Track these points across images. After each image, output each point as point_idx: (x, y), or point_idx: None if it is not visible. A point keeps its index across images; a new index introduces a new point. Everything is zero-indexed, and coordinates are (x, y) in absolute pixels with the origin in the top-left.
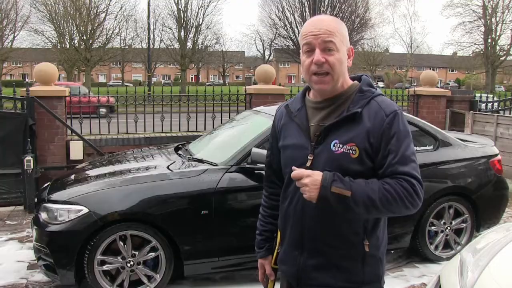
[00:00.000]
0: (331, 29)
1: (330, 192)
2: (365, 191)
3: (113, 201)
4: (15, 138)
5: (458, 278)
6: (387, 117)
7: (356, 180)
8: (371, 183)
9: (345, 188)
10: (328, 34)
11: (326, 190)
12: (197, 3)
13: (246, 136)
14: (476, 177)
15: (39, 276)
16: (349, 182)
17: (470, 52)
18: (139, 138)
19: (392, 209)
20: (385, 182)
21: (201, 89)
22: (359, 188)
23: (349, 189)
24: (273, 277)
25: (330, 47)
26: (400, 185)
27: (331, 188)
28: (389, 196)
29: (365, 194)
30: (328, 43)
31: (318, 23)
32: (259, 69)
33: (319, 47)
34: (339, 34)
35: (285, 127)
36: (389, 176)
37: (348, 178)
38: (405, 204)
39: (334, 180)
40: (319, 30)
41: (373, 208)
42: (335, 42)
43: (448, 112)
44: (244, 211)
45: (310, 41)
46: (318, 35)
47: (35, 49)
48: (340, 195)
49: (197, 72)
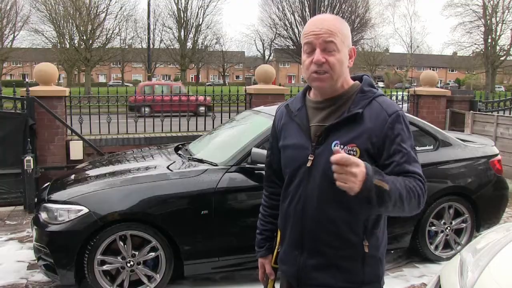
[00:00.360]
0: (332, 29)
1: (373, 184)
2: (397, 186)
3: (113, 201)
4: (15, 138)
5: (458, 278)
6: (390, 117)
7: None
8: (396, 178)
9: (385, 181)
10: (329, 34)
11: (370, 182)
12: (197, 3)
13: (246, 136)
14: (476, 177)
15: (39, 276)
16: (384, 176)
17: (470, 52)
18: (139, 138)
19: (409, 206)
20: (404, 178)
21: (201, 89)
22: (393, 182)
23: (387, 182)
24: (273, 277)
25: (330, 47)
26: (416, 182)
27: (373, 180)
28: (411, 193)
29: (397, 189)
30: (329, 43)
31: (319, 23)
32: (259, 69)
33: (320, 47)
34: (341, 34)
35: (285, 127)
36: (399, 174)
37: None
38: (419, 201)
39: (376, 171)
40: (320, 30)
41: (400, 202)
42: (336, 42)
43: (448, 112)
44: (244, 211)
45: (311, 41)
46: (319, 34)
47: (35, 49)
48: (380, 188)
49: (197, 72)
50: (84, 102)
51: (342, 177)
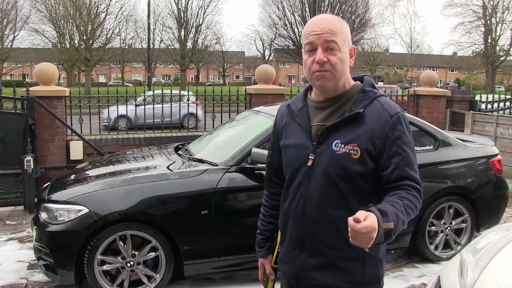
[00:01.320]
0: (333, 28)
1: (383, 229)
2: (398, 216)
3: (113, 201)
4: (15, 138)
5: (458, 278)
6: (391, 118)
7: (385, 206)
8: (396, 204)
9: (390, 220)
10: (330, 34)
11: (381, 229)
12: (197, 3)
13: (246, 136)
14: (476, 177)
15: (39, 276)
16: (387, 212)
17: (470, 52)
18: (139, 138)
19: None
20: (401, 197)
21: (201, 89)
22: (394, 215)
23: (392, 220)
24: (273, 277)
25: (332, 46)
26: (413, 196)
27: (383, 225)
28: (410, 211)
29: (400, 219)
30: (330, 42)
31: (320, 23)
32: (259, 69)
33: (321, 46)
34: (342, 33)
35: (286, 127)
36: (396, 180)
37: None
38: (416, 212)
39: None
40: (321, 30)
41: (402, 227)
42: (337, 41)
43: (448, 112)
44: (244, 211)
45: (312, 41)
46: (320, 34)
47: (35, 49)
48: (387, 229)
49: (197, 72)
50: (84, 102)
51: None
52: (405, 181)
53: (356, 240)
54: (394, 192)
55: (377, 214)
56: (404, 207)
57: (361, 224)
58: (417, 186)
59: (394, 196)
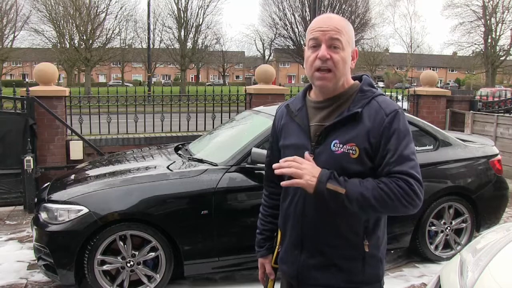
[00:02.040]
0: (339, 27)
1: (326, 188)
2: (359, 189)
3: (113, 201)
4: (15, 138)
5: (458, 278)
6: (387, 116)
7: (351, 179)
8: (365, 181)
9: (340, 186)
10: (336, 32)
11: (322, 185)
12: (197, 3)
13: (246, 136)
14: (476, 177)
15: (39, 276)
16: (343, 181)
17: (470, 52)
18: (139, 138)
19: (389, 208)
20: (380, 181)
21: (201, 89)
22: (353, 186)
23: (343, 187)
24: (273, 277)
25: (336, 44)
26: (396, 183)
27: (326, 184)
28: (383, 194)
29: (359, 192)
30: (335, 40)
31: (327, 20)
32: (259, 69)
33: (326, 43)
34: (347, 34)
35: (285, 127)
36: (386, 175)
37: (343, 177)
38: (402, 203)
39: (330, 178)
40: (327, 27)
41: (368, 206)
42: (341, 40)
43: (448, 112)
44: (244, 211)
45: (317, 36)
46: (326, 31)
47: (35, 49)
48: (335, 192)
49: (197, 72)
50: (84, 102)
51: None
52: (395, 174)
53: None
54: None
55: (323, 171)
56: (374, 186)
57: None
58: (406, 178)
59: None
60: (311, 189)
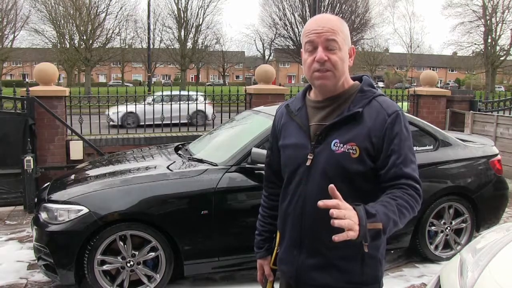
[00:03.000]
0: (334, 28)
1: (368, 230)
2: (389, 216)
3: (113, 201)
4: (15, 138)
5: (458, 278)
6: (389, 117)
7: (375, 206)
8: (388, 204)
9: (377, 221)
10: (331, 33)
11: (364, 229)
12: (197, 3)
13: (246, 136)
14: (476, 177)
15: (39, 276)
16: (375, 213)
17: (470, 52)
18: (139, 138)
19: (406, 221)
20: (395, 196)
21: (201, 89)
22: (384, 215)
23: (380, 221)
24: (272, 278)
25: (333, 45)
26: (408, 194)
27: (367, 226)
28: (404, 211)
29: (391, 219)
30: (331, 41)
31: (321, 22)
32: (259, 69)
33: (322, 45)
34: (342, 33)
35: (285, 127)
36: (392, 178)
37: (370, 206)
38: (414, 210)
39: (367, 214)
40: (322, 29)
41: (395, 227)
42: (337, 41)
43: (448, 112)
44: (244, 211)
45: (313, 39)
46: (321, 33)
47: (35, 49)
48: (374, 230)
49: (197, 72)
50: (84, 102)
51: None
52: (402, 180)
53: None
54: (389, 192)
55: (360, 212)
56: (397, 206)
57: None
58: (414, 184)
59: (388, 196)
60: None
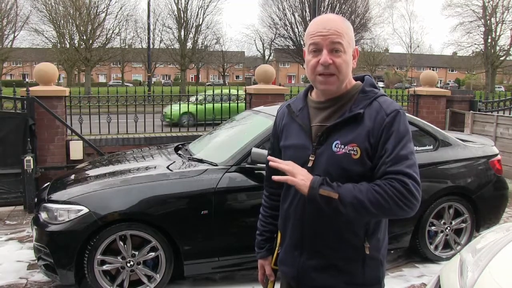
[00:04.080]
0: (340, 30)
1: (319, 194)
2: (352, 193)
3: (113, 201)
4: (15, 138)
5: (458, 278)
6: (388, 117)
7: (344, 184)
8: (360, 185)
9: (333, 190)
10: (336, 35)
11: (314, 191)
12: (197, 3)
13: (246, 136)
14: (476, 177)
15: (39, 276)
16: (336, 186)
17: (470, 52)
18: (139, 138)
19: (385, 210)
20: (375, 183)
21: (201, 89)
22: (346, 190)
23: (336, 191)
24: (273, 278)
25: (337, 48)
26: (390, 185)
27: (319, 190)
28: (378, 196)
29: (353, 196)
30: (336, 44)
31: (327, 23)
32: (259, 69)
33: (327, 48)
34: (347, 35)
35: (286, 127)
36: (382, 175)
37: (336, 183)
38: (399, 205)
39: (322, 183)
40: (328, 31)
41: (363, 209)
42: (343, 43)
43: (448, 112)
44: (244, 211)
45: (317, 41)
46: (326, 36)
47: (35, 49)
48: (328, 198)
49: (197, 72)
50: (84, 102)
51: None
52: (391, 175)
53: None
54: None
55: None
56: (368, 190)
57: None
58: (402, 178)
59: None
60: (305, 189)
